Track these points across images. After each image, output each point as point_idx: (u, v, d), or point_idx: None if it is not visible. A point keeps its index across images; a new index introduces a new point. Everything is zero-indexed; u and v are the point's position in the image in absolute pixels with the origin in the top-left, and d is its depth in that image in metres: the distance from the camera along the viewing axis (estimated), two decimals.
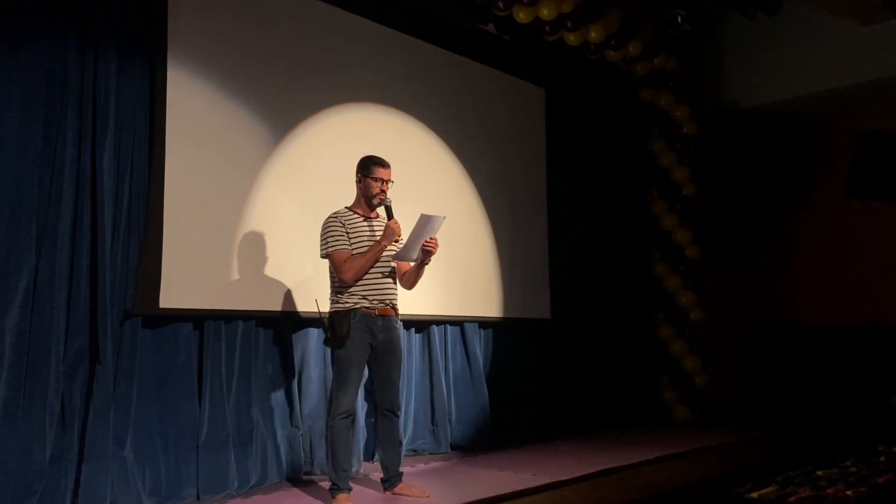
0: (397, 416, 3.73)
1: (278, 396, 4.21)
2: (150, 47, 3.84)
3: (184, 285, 3.79)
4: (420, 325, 5.09)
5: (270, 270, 4.19)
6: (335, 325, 3.50)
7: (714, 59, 7.19)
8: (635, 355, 6.74)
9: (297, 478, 4.16)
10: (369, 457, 4.52)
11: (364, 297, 3.55)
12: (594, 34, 5.79)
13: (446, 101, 5.38)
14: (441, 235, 3.71)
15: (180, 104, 3.88)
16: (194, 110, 3.95)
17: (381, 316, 3.59)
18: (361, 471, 4.39)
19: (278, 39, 4.41)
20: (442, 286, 5.12)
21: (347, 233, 3.57)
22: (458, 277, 5.28)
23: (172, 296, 3.73)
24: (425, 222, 3.52)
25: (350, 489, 3.55)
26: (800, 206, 7.44)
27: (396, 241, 3.62)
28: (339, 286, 3.57)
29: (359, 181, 3.71)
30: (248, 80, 4.21)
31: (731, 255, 7.41)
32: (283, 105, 4.39)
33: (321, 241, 3.60)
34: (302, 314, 4.30)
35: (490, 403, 5.36)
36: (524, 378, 5.73)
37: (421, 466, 4.53)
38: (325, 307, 3.68)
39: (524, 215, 5.94)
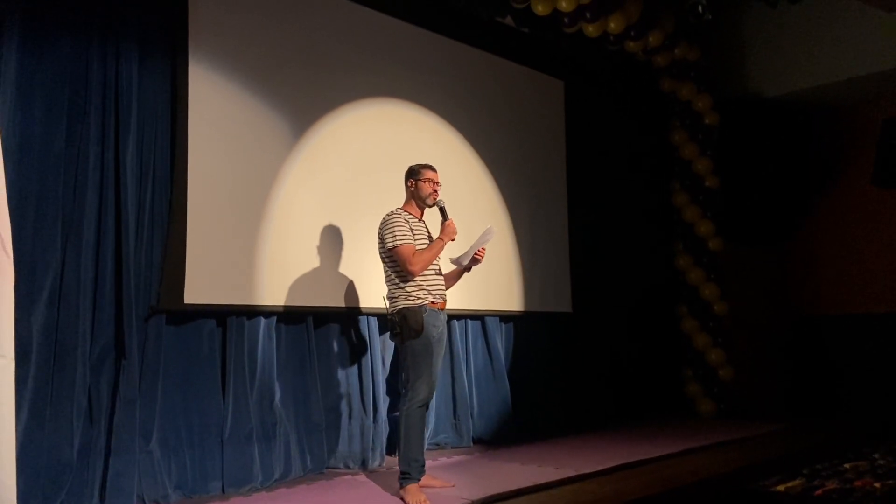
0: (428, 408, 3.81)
1: (300, 391, 4.24)
2: (171, 45, 3.88)
3: (207, 281, 3.83)
4: None
5: (292, 266, 4.21)
6: (409, 320, 3.58)
7: (736, 47, 7.11)
8: (658, 349, 6.69)
9: (319, 471, 4.18)
10: (392, 450, 4.54)
11: (429, 293, 3.65)
12: (613, 25, 5.74)
13: (465, 95, 5.37)
14: (461, 228, 3.75)
15: (202, 101, 3.91)
16: (216, 107, 3.98)
17: (441, 310, 3.72)
18: (384, 465, 4.41)
19: (297, 35, 4.42)
20: (462, 280, 5.09)
21: (412, 230, 3.67)
22: (478, 271, 5.23)
23: (196, 292, 3.77)
24: (487, 234, 3.79)
25: (419, 479, 3.55)
26: (825, 196, 7.35)
27: (452, 240, 3.77)
28: (404, 282, 3.63)
29: (411, 185, 3.80)
30: (268, 77, 4.24)
31: (755, 247, 7.33)
32: (304, 100, 4.41)
33: (387, 234, 3.64)
34: (323, 309, 4.33)
35: (512, 397, 5.35)
36: (546, 372, 5.71)
37: (443, 460, 4.54)
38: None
39: (544, 208, 5.92)
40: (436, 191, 3.79)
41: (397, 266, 3.64)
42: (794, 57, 6.72)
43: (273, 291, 4.10)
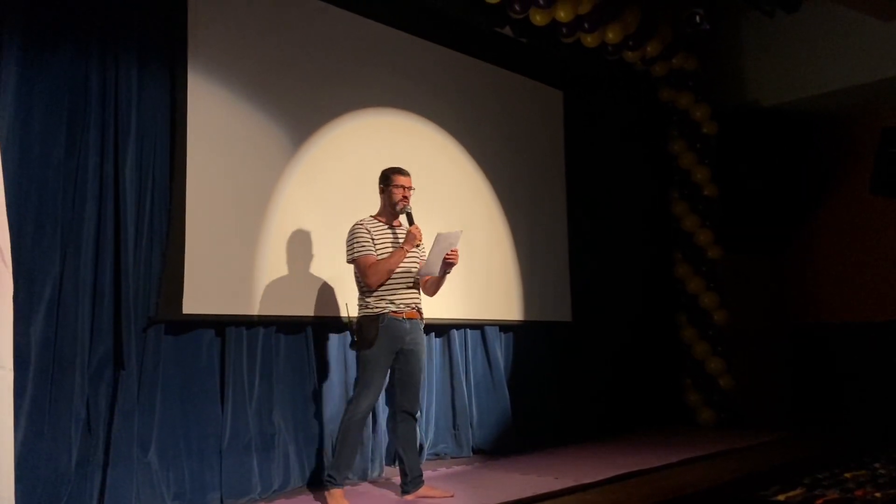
0: (416, 419, 3.78)
1: (299, 401, 4.23)
2: (170, 56, 3.89)
3: (206, 291, 3.83)
4: (440, 328, 5.09)
5: (292, 276, 4.21)
6: (363, 329, 3.61)
7: (734, 57, 7.13)
8: (658, 358, 6.68)
9: (319, 482, 4.16)
10: (391, 461, 4.52)
11: (391, 303, 3.64)
12: (612, 35, 5.76)
13: (464, 105, 5.39)
14: (461, 239, 3.73)
15: (201, 112, 3.92)
16: (215, 118, 3.99)
17: (408, 319, 3.68)
18: (384, 475, 4.39)
19: (296, 46, 4.44)
20: (462, 290, 5.12)
21: (373, 239, 3.66)
22: (478, 281, 5.27)
23: (195, 302, 3.77)
24: (443, 240, 3.63)
25: (343, 486, 3.63)
26: (823, 205, 7.36)
27: (418, 246, 3.74)
28: (367, 291, 3.66)
29: (382, 191, 3.82)
30: (267, 87, 4.25)
31: (754, 256, 7.33)
32: (302, 111, 4.42)
33: (347, 247, 3.70)
34: (322, 319, 4.32)
35: (511, 407, 5.33)
36: (546, 381, 5.70)
37: (443, 470, 4.53)
38: (354, 312, 3.77)
39: (544, 218, 5.92)
40: (406, 197, 3.75)
41: (360, 278, 3.67)
42: (791, 66, 6.75)
43: (272, 301, 4.09)
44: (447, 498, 3.68)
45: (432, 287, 3.87)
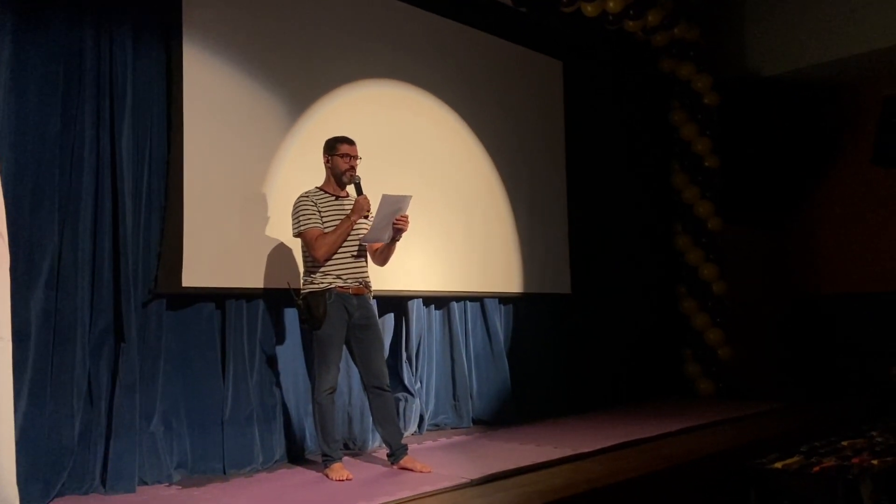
0: (388, 391, 3.71)
1: (300, 373, 4.25)
2: (165, 27, 3.84)
3: (206, 264, 3.83)
4: (440, 301, 5.10)
5: (291, 247, 4.21)
6: (311, 307, 3.54)
7: (736, 26, 7.06)
8: (657, 329, 6.71)
9: (319, 452, 4.20)
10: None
11: (338, 277, 3.59)
12: (612, 4, 5.71)
13: (463, 76, 5.34)
14: (461, 210, 3.72)
15: (197, 84, 3.88)
16: (211, 89, 3.95)
17: (355, 295, 3.63)
18: (382, 445, 4.42)
19: (293, 16, 4.39)
20: (462, 262, 5.12)
21: (319, 211, 3.61)
22: (477, 253, 5.27)
23: (195, 275, 3.77)
24: (389, 203, 3.52)
25: (342, 458, 3.64)
26: (825, 176, 7.33)
27: (366, 217, 3.66)
28: (313, 266, 3.62)
29: (327, 161, 3.76)
30: (264, 58, 4.21)
31: (754, 227, 7.32)
32: (300, 82, 4.39)
33: (293, 220, 3.65)
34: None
35: (511, 378, 5.37)
36: (545, 353, 5.73)
37: (443, 441, 4.56)
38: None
39: (543, 190, 5.90)
40: (352, 167, 3.69)
41: (308, 252, 3.62)
42: (793, 35, 6.68)
43: (271, 274, 4.09)
44: (425, 473, 3.57)
45: (381, 256, 3.78)
